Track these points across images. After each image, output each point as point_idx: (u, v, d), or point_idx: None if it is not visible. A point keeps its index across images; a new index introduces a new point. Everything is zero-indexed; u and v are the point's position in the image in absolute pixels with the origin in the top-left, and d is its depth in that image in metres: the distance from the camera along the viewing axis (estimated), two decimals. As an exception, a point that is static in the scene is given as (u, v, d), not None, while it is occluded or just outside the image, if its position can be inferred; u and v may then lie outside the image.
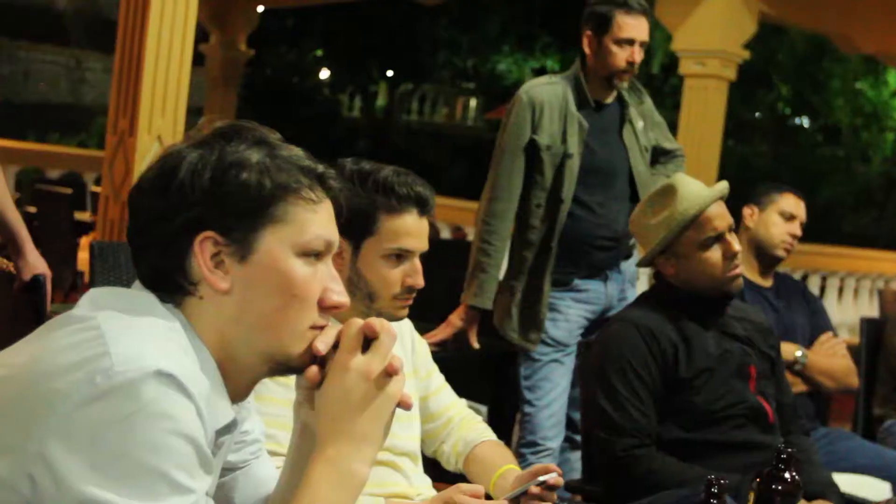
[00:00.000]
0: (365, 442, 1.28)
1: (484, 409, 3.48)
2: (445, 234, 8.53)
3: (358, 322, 1.30)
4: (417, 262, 2.01)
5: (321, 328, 1.31)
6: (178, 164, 1.26)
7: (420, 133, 25.08)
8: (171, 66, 4.45)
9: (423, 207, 2.01)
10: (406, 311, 2.05)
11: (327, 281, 1.32)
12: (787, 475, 1.67)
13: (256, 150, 1.28)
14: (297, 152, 1.32)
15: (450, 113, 27.40)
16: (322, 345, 1.29)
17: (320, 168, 1.33)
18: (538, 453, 3.37)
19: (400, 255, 1.99)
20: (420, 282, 2.01)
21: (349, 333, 1.29)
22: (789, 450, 1.69)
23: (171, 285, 1.27)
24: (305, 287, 1.29)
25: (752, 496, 1.69)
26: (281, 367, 1.31)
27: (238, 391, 1.31)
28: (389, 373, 1.28)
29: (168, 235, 1.26)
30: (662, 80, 19.68)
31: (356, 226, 1.97)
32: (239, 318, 1.27)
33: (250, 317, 1.27)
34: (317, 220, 1.30)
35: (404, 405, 1.30)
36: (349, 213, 1.95)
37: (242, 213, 1.26)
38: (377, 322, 1.30)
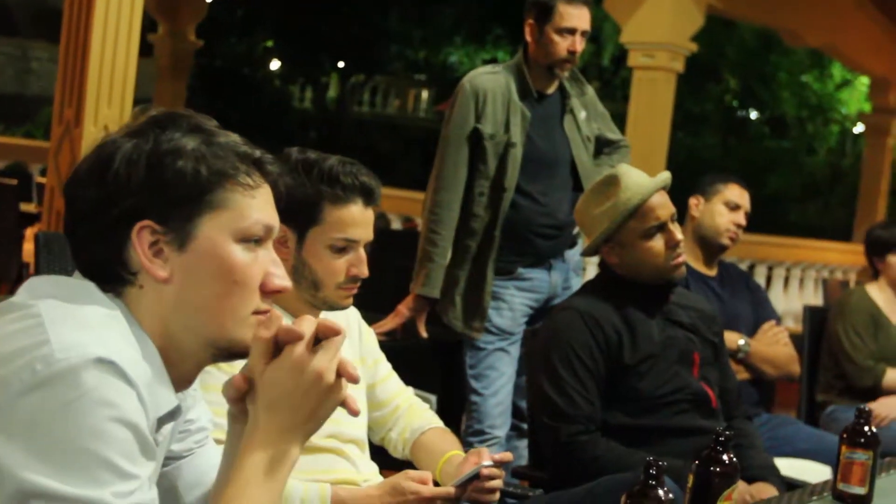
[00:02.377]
0: (300, 432, 1.28)
1: (433, 398, 3.49)
2: (396, 225, 8.53)
3: (312, 321, 1.28)
4: (362, 252, 2.02)
5: (264, 313, 1.31)
6: (113, 154, 1.26)
7: (372, 125, 25.01)
8: (118, 55, 4.41)
9: (369, 198, 2.02)
10: (350, 301, 2.06)
11: (268, 265, 1.32)
12: (724, 457, 1.71)
13: (192, 138, 1.28)
14: (233, 138, 1.32)
15: (401, 105, 27.33)
16: (265, 331, 1.28)
17: (257, 153, 1.32)
18: (485, 442, 3.39)
19: (345, 245, 2.00)
20: (364, 271, 2.02)
21: (302, 331, 1.27)
22: (727, 432, 1.72)
23: (111, 276, 1.27)
24: (246, 273, 1.29)
25: (690, 478, 1.72)
26: (224, 354, 1.32)
27: (182, 378, 1.32)
28: (340, 375, 1.28)
29: (105, 226, 1.26)
30: (613, 73, 19.80)
31: (301, 215, 1.98)
32: (180, 306, 1.27)
33: (191, 304, 1.28)
34: (255, 205, 1.30)
35: (349, 410, 1.29)
36: (294, 202, 1.97)
37: (179, 201, 1.26)
38: (332, 323, 1.28)
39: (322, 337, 1.27)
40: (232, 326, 1.29)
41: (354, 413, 1.30)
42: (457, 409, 3.70)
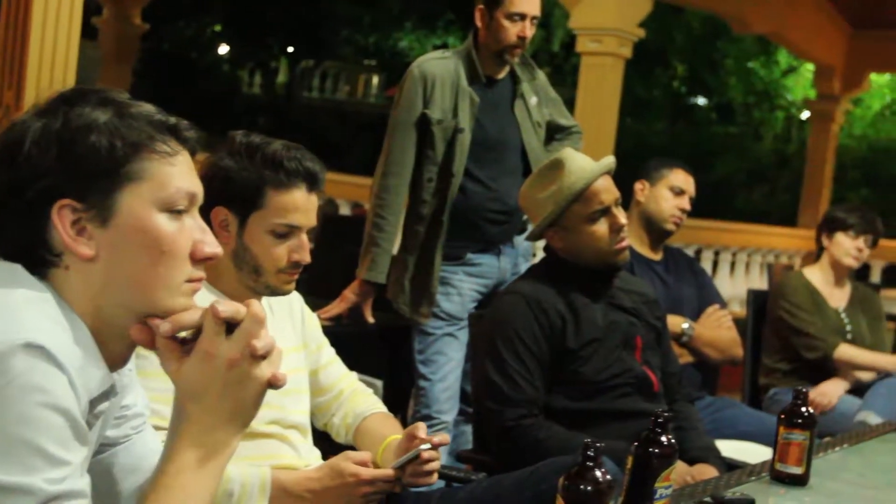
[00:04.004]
0: (233, 423, 1.27)
1: (379, 383, 3.49)
2: (345, 210, 8.50)
3: (219, 306, 1.26)
4: (305, 238, 2.02)
5: (198, 280, 1.30)
6: (22, 136, 1.24)
7: (322, 110, 24.85)
8: (59, 37, 4.34)
9: (313, 183, 2.01)
10: (293, 286, 2.06)
11: (196, 233, 1.30)
12: (663, 439, 1.72)
13: (103, 111, 1.26)
14: (146, 108, 1.30)
15: (351, 90, 27.19)
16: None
17: (172, 120, 1.30)
18: (433, 426, 3.39)
19: (287, 231, 1.99)
20: (307, 258, 2.01)
21: (209, 319, 1.25)
22: (665, 415, 1.74)
23: (35, 259, 1.25)
24: (173, 242, 1.27)
25: (630, 459, 1.74)
26: None
27: (116, 357, 1.30)
28: (254, 356, 1.25)
29: (23, 209, 1.24)
30: (563, 59, 19.83)
31: (243, 199, 1.97)
32: (109, 283, 1.25)
33: (121, 280, 1.26)
34: (175, 172, 1.28)
35: (274, 384, 1.27)
36: (237, 186, 1.96)
37: (97, 176, 1.24)
38: (237, 307, 1.26)
39: (234, 322, 1.25)
40: (165, 297, 1.27)
41: (276, 385, 1.26)
42: (404, 395, 3.70)
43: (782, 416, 2.16)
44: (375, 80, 27.15)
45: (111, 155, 1.24)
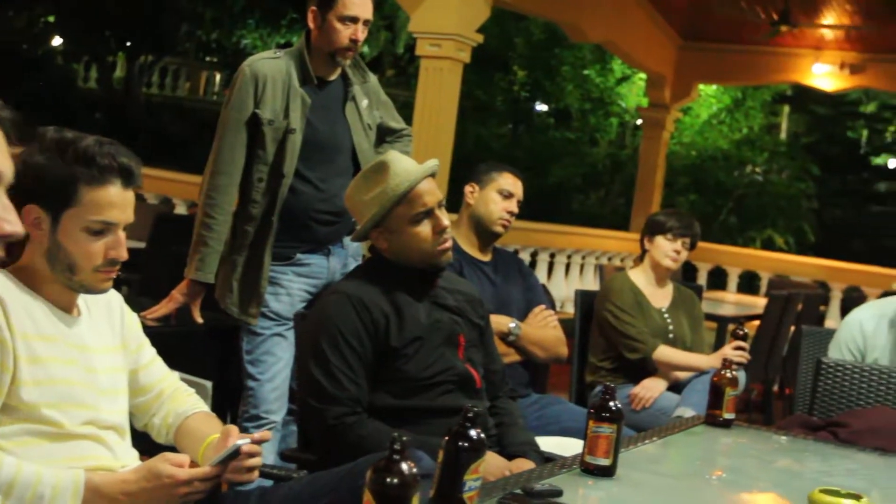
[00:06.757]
0: None
1: (209, 384, 3.46)
2: (182, 210, 8.35)
3: None
4: (121, 235, 2.00)
5: None
6: None
7: (161, 107, 24.26)
8: None
9: (128, 179, 1.99)
10: (109, 284, 2.03)
11: None
12: (472, 433, 1.77)
13: None
14: None
15: (192, 87, 26.66)
16: None
17: None
18: (262, 427, 3.39)
19: (102, 228, 1.97)
20: (123, 254, 1.99)
21: None
22: (475, 409, 1.80)
23: None
24: None
25: (441, 453, 1.79)
26: None
27: None
28: None
29: None
30: (408, 61, 19.93)
31: (55, 196, 1.93)
32: None
33: None
34: None
35: None
36: (48, 182, 1.93)
37: None
38: None
39: None
40: None
41: None
42: (234, 395, 3.68)
43: (591, 411, 2.25)
44: (217, 77, 26.70)
45: None
